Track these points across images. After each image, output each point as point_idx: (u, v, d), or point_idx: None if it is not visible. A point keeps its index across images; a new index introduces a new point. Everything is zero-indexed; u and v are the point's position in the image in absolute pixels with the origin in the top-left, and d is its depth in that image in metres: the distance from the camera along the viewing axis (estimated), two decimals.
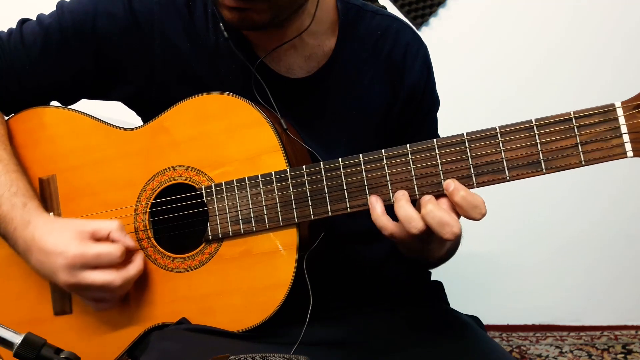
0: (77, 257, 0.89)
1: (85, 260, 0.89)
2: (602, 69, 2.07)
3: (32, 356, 0.65)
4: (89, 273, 0.90)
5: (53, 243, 0.90)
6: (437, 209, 0.79)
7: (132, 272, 0.93)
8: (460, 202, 0.79)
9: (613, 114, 0.77)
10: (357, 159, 0.87)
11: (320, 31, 1.04)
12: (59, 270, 0.90)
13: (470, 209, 0.79)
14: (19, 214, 0.94)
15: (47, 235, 0.91)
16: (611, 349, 2.05)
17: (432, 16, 2.08)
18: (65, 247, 0.90)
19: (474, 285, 2.17)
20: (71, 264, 0.89)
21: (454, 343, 0.98)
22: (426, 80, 1.11)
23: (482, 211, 0.79)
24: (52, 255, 0.90)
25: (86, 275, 0.90)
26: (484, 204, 0.80)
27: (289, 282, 0.90)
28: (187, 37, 1.01)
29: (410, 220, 0.80)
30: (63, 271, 0.90)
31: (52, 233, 0.91)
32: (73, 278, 0.90)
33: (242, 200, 0.92)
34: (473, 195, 0.80)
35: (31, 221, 0.93)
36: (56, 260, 0.90)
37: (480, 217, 0.80)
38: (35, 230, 0.92)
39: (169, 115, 0.98)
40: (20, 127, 1.05)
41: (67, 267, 0.89)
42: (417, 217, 0.80)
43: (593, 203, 2.15)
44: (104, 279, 0.90)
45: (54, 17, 1.02)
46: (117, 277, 0.91)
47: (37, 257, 0.92)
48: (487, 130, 0.82)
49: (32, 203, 0.95)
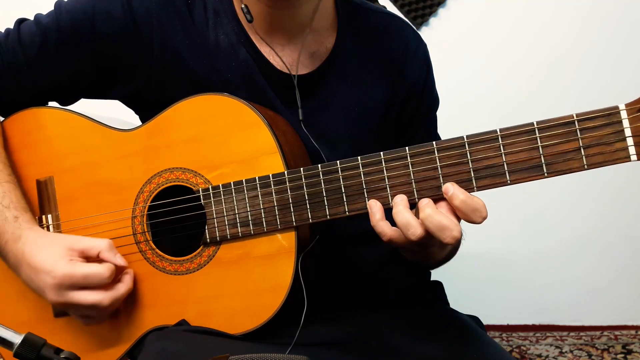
0: (65, 277, 0.89)
1: (73, 281, 0.89)
2: (602, 69, 2.06)
3: (32, 356, 0.65)
4: (77, 293, 0.90)
5: (42, 261, 0.90)
6: (436, 212, 0.78)
7: (121, 292, 0.93)
8: (460, 206, 0.79)
9: (617, 117, 0.76)
10: (356, 162, 0.86)
11: (322, 28, 1.04)
12: (47, 289, 0.90)
13: (470, 213, 0.78)
14: (11, 228, 0.93)
15: (37, 252, 0.91)
16: (611, 349, 2.05)
17: (432, 16, 2.08)
18: (54, 266, 0.89)
19: (474, 285, 2.17)
20: (59, 283, 0.89)
21: (454, 343, 0.98)
22: (425, 78, 1.11)
23: (483, 214, 0.79)
24: (41, 273, 0.90)
25: (74, 295, 0.90)
26: (485, 207, 0.79)
27: (288, 285, 0.89)
28: (186, 35, 1.00)
29: (409, 226, 0.79)
30: (51, 290, 0.90)
31: (42, 250, 0.91)
32: (61, 297, 0.90)
33: (239, 203, 0.91)
34: (473, 199, 0.79)
35: (22, 236, 0.93)
36: (45, 278, 0.90)
37: (481, 220, 0.79)
38: (25, 246, 0.92)
39: (166, 116, 0.97)
40: (17, 128, 1.04)
41: (55, 287, 0.89)
42: (415, 224, 0.79)
43: (593, 203, 2.15)
44: (92, 299, 0.90)
45: (52, 17, 1.01)
46: (105, 297, 0.91)
47: (26, 273, 0.92)
48: (487, 133, 0.81)
49: (24, 216, 0.95)
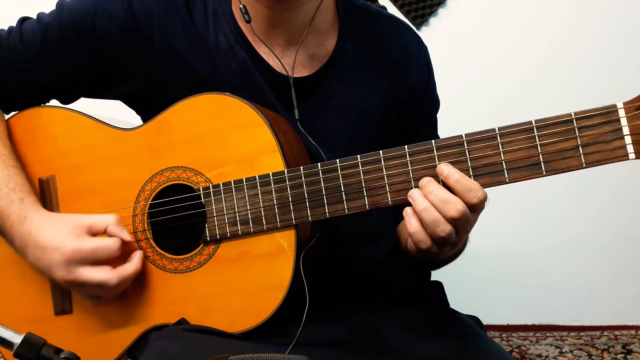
0: (74, 252, 0.89)
1: (82, 256, 0.89)
2: (601, 68, 2.07)
3: (32, 356, 0.65)
4: (86, 270, 0.89)
5: (49, 238, 0.90)
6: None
7: (130, 272, 0.93)
8: (455, 185, 0.80)
9: (615, 115, 0.77)
10: (355, 160, 0.86)
11: (323, 29, 1.04)
12: (56, 266, 0.90)
13: (465, 192, 0.79)
14: (16, 210, 0.93)
15: (43, 231, 0.91)
16: (611, 349, 2.05)
17: (432, 16, 2.08)
18: (62, 242, 0.89)
19: (474, 285, 2.17)
20: (68, 259, 0.89)
21: (454, 343, 0.98)
22: (427, 81, 1.11)
23: (479, 194, 0.79)
24: (48, 251, 0.90)
25: (83, 272, 0.89)
26: (481, 189, 0.80)
27: (287, 283, 0.90)
28: (186, 36, 1.01)
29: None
30: (60, 267, 0.89)
31: (49, 229, 0.91)
32: (70, 274, 0.90)
33: (239, 202, 0.92)
34: (468, 179, 0.80)
35: (27, 217, 0.93)
36: (52, 256, 0.89)
37: (476, 201, 0.79)
38: (31, 226, 0.92)
39: (166, 116, 0.98)
40: (20, 126, 1.05)
41: (63, 263, 0.89)
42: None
43: (593, 203, 2.15)
44: (100, 277, 0.90)
45: (54, 16, 1.02)
46: (113, 275, 0.90)
47: (33, 253, 0.92)
48: (486, 131, 0.81)
49: (29, 198, 0.95)
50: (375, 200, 0.86)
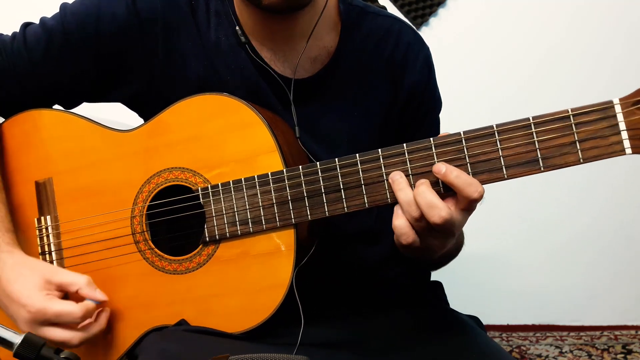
0: (39, 312, 0.90)
1: (46, 317, 0.90)
2: (601, 68, 2.07)
3: (32, 356, 0.66)
4: (49, 329, 0.91)
5: (19, 291, 0.91)
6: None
7: (92, 332, 0.94)
8: (455, 181, 0.80)
9: (611, 111, 0.77)
10: (354, 159, 0.86)
11: (324, 32, 1.04)
12: (20, 321, 0.91)
13: (466, 187, 0.79)
14: None
15: (14, 281, 0.92)
16: (611, 349, 2.05)
17: (432, 16, 2.08)
18: (30, 299, 0.90)
19: (474, 285, 2.16)
20: (33, 318, 0.90)
21: (454, 343, 0.98)
22: (427, 81, 1.10)
23: (479, 189, 0.80)
24: (15, 304, 0.91)
25: (46, 331, 0.91)
26: (479, 183, 0.80)
27: (287, 283, 0.90)
28: (188, 35, 1.01)
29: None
30: (25, 322, 0.91)
31: (19, 279, 0.92)
32: (34, 330, 0.91)
33: (238, 202, 0.92)
34: (467, 175, 0.80)
35: (0, 259, 0.93)
36: (19, 310, 0.90)
37: (477, 195, 0.80)
38: (2, 272, 0.92)
39: (165, 116, 0.98)
40: (16, 129, 1.05)
41: (29, 320, 0.90)
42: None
43: (593, 203, 2.15)
44: (62, 337, 0.91)
45: (57, 20, 1.02)
46: (74, 337, 0.92)
47: (1, 299, 0.93)
48: (484, 128, 0.81)
49: (5, 237, 0.95)
50: (375, 199, 0.86)
